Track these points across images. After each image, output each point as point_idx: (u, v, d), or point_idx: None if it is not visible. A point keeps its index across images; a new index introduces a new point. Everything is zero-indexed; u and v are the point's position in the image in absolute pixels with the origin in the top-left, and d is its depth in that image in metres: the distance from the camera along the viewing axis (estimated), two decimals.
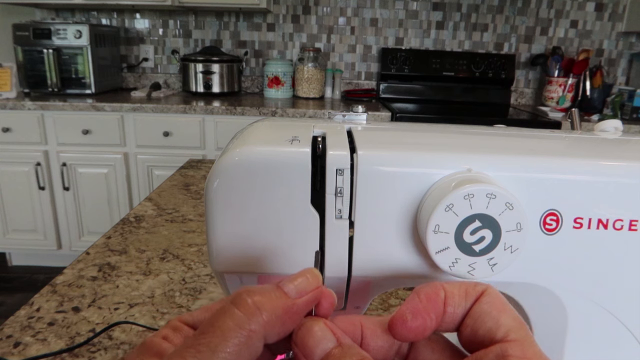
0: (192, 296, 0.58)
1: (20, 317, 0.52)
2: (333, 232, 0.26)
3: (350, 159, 0.25)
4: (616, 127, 0.34)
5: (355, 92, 2.55)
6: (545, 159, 0.26)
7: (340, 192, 0.25)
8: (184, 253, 0.70)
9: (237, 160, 0.25)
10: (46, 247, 2.26)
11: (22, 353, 0.46)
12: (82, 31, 2.14)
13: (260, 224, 0.26)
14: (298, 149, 0.25)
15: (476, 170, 0.26)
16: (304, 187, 0.25)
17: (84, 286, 0.59)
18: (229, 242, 0.26)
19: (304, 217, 0.26)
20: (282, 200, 0.26)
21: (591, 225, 0.26)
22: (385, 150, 0.26)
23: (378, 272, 0.27)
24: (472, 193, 0.24)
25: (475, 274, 0.25)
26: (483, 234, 0.24)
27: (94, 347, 0.48)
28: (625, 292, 0.27)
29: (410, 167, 0.26)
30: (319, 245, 0.26)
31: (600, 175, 0.26)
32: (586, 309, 0.28)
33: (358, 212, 0.26)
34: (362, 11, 2.51)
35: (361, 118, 0.32)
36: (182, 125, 2.09)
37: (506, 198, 0.24)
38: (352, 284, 0.28)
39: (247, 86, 2.63)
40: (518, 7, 2.49)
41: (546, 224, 0.26)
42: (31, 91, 2.20)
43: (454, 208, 0.24)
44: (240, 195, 0.26)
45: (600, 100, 2.35)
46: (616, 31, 2.52)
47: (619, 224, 0.26)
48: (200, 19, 2.54)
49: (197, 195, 0.97)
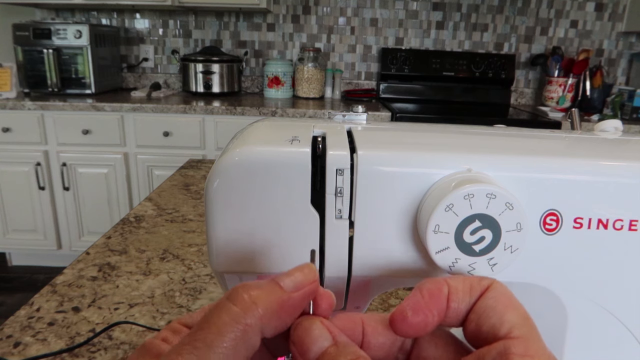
0: (192, 296, 0.58)
1: (20, 317, 0.52)
2: (333, 232, 0.26)
3: (350, 159, 0.25)
4: (616, 127, 0.34)
5: (355, 92, 2.55)
6: (545, 159, 0.26)
7: (340, 192, 0.25)
8: (184, 253, 0.70)
9: (237, 160, 0.25)
10: (46, 247, 2.26)
11: (22, 353, 0.46)
12: (82, 31, 2.14)
13: (260, 223, 0.26)
14: (298, 149, 0.25)
15: (476, 170, 0.26)
16: (304, 187, 0.25)
17: (84, 286, 0.59)
18: (229, 242, 0.26)
19: (304, 217, 0.26)
20: (282, 200, 0.26)
21: (591, 225, 0.26)
22: (385, 150, 0.26)
23: (378, 271, 0.27)
24: (472, 193, 0.24)
25: (475, 274, 0.25)
26: (483, 234, 0.24)
27: (94, 347, 0.48)
28: (625, 292, 0.27)
29: (410, 167, 0.26)
30: (319, 245, 0.26)
31: (600, 175, 0.26)
32: (586, 309, 0.28)
33: (358, 212, 0.26)
34: (362, 11, 2.51)
35: (361, 118, 0.32)
36: (182, 125, 2.09)
37: (506, 198, 0.24)
38: (352, 283, 0.28)
39: (247, 86, 2.63)
40: (518, 7, 2.49)
41: (546, 224, 0.26)
42: (31, 91, 2.20)
43: (454, 208, 0.24)
44: (240, 195, 0.25)
45: (600, 100, 2.35)
46: (616, 31, 2.52)
47: (619, 224, 0.26)
48: (200, 19, 2.54)
49: (197, 195, 0.97)
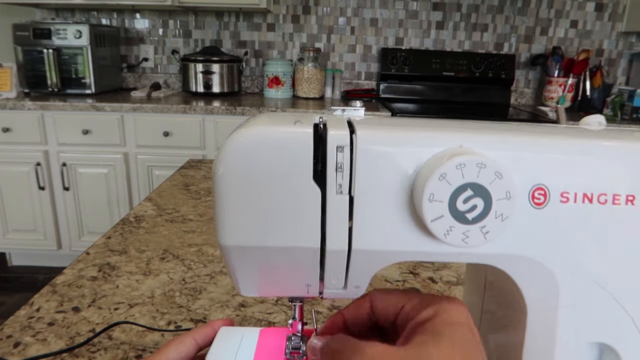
0: (192, 296, 0.58)
1: (20, 317, 0.52)
2: (334, 207, 0.28)
3: (350, 140, 0.27)
4: (599, 122, 0.35)
5: (355, 92, 2.55)
6: (533, 139, 0.28)
7: (341, 168, 0.27)
8: (184, 253, 0.70)
9: (244, 139, 0.27)
10: (46, 247, 2.26)
11: (22, 353, 0.46)
12: (82, 31, 2.14)
13: (266, 199, 0.28)
14: (301, 129, 0.27)
15: (467, 147, 0.27)
16: (306, 164, 0.27)
17: (84, 286, 0.59)
18: (237, 217, 0.28)
19: (306, 193, 0.27)
20: (286, 177, 0.27)
21: (577, 199, 0.28)
22: (382, 131, 0.28)
23: (376, 244, 0.28)
24: (464, 163, 0.25)
25: (469, 242, 0.27)
26: (475, 202, 0.26)
27: (94, 347, 0.48)
28: (611, 263, 0.29)
29: (405, 145, 0.27)
30: (321, 219, 0.28)
31: (584, 154, 0.28)
32: (576, 282, 0.29)
33: (357, 187, 0.27)
34: (362, 11, 2.51)
35: (359, 113, 0.32)
36: (182, 125, 2.09)
37: (495, 168, 0.26)
38: (353, 259, 0.29)
39: (247, 86, 2.63)
40: (518, 7, 2.49)
41: (535, 198, 0.28)
42: (31, 91, 2.20)
43: (447, 177, 0.25)
44: (247, 172, 0.27)
45: (600, 100, 2.35)
46: (616, 31, 2.52)
47: (603, 198, 0.28)
48: (200, 19, 2.54)
49: (197, 195, 0.97)
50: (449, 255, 0.29)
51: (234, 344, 0.38)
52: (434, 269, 0.67)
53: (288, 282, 0.32)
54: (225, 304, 0.56)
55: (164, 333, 0.51)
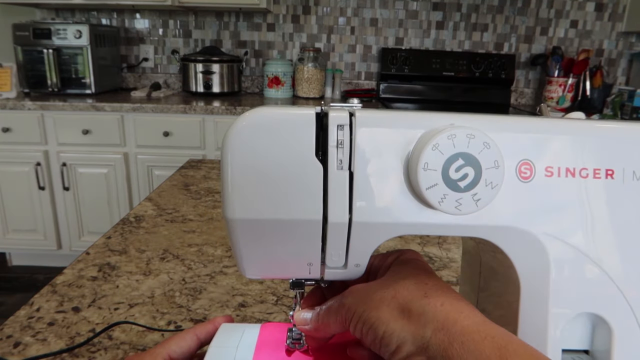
0: (192, 296, 0.58)
1: (20, 317, 0.52)
2: (335, 182, 0.29)
3: (350, 122, 0.29)
4: (579, 117, 0.37)
5: (355, 92, 2.55)
6: (518, 119, 0.31)
7: (341, 144, 0.29)
8: (184, 253, 0.70)
9: (252, 118, 0.29)
10: (46, 247, 2.26)
11: (22, 353, 0.46)
12: (82, 31, 2.14)
13: (271, 175, 0.29)
14: (304, 111, 0.30)
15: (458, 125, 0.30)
16: (309, 142, 0.29)
17: (84, 286, 0.59)
18: (243, 191, 0.30)
19: (309, 169, 0.29)
20: (290, 154, 0.29)
21: (560, 173, 0.30)
22: (379, 114, 0.30)
23: (375, 216, 0.30)
24: (455, 134, 0.27)
25: (462, 209, 0.28)
26: (466, 171, 0.28)
27: (94, 347, 0.48)
28: (595, 234, 0.31)
29: (401, 125, 0.30)
30: (323, 193, 0.30)
31: (566, 133, 0.30)
32: (565, 253, 0.31)
33: (357, 163, 0.29)
34: (362, 11, 2.51)
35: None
36: (182, 125, 2.09)
37: (483, 138, 0.28)
38: (353, 232, 0.30)
39: (247, 86, 2.63)
40: (518, 7, 2.49)
41: (521, 172, 0.30)
42: (31, 91, 2.20)
43: (439, 147, 0.27)
44: (254, 148, 0.29)
45: (600, 100, 2.35)
46: (616, 31, 2.52)
47: (584, 172, 0.30)
48: (200, 19, 2.54)
49: (197, 195, 0.97)
50: (444, 228, 0.30)
51: (235, 338, 0.38)
52: (434, 269, 0.67)
53: (291, 260, 0.33)
54: (225, 304, 0.56)
55: (164, 333, 0.51)
